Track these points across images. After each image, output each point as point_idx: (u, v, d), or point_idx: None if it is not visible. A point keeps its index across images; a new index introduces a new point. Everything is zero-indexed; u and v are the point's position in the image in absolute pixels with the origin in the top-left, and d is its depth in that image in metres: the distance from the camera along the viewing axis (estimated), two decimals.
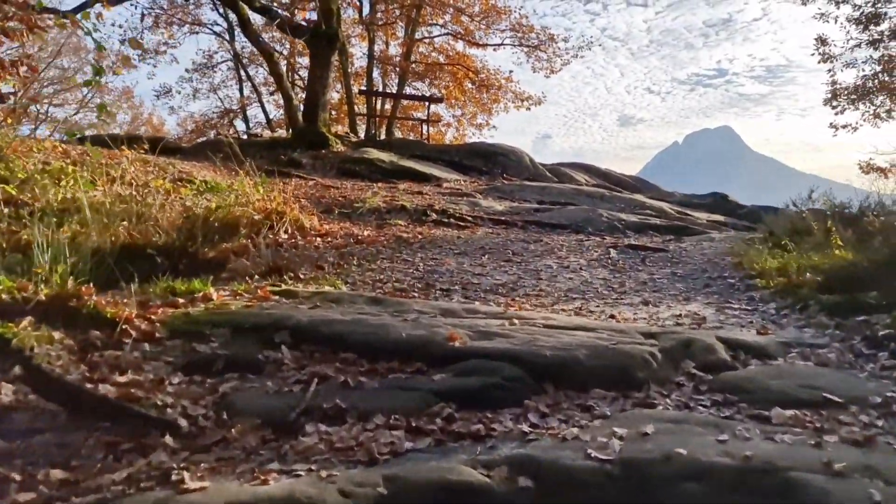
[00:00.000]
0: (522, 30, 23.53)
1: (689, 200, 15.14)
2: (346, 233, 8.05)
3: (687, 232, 10.13)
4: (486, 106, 26.19)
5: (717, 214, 14.01)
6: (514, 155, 17.85)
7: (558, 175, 17.88)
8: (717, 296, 5.24)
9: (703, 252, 7.50)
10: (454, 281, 5.37)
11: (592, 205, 12.60)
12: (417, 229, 8.69)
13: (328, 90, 17.55)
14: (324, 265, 5.66)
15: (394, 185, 13.31)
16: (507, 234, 8.77)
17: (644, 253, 7.50)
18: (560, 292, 5.25)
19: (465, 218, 9.88)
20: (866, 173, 20.11)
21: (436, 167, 16.19)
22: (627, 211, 12.23)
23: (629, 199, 13.30)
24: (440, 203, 10.98)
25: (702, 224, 11.70)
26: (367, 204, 10.06)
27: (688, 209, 14.21)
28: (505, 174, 16.79)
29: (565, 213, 10.50)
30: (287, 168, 14.63)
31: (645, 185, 19.27)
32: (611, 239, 8.92)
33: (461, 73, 24.86)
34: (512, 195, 13.07)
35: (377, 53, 25.81)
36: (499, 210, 10.72)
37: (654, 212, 12.42)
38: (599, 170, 19.68)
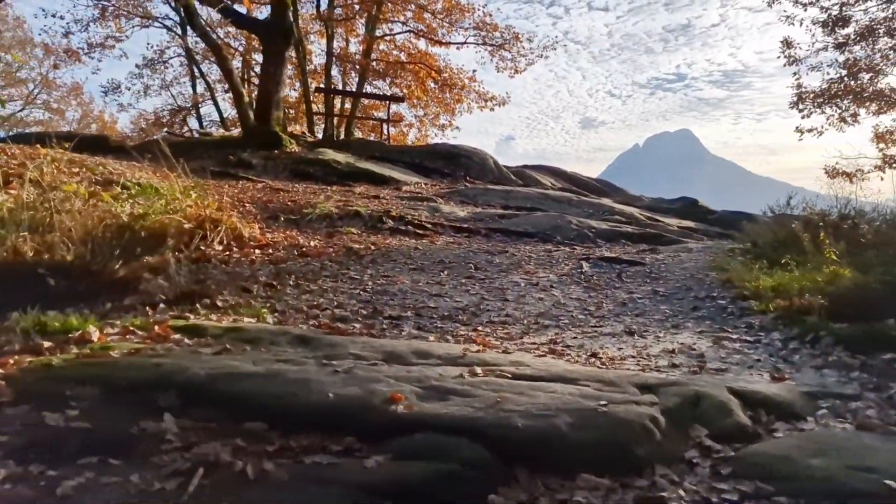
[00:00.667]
0: (486, 28, 22.87)
1: (657, 205, 14.61)
2: (291, 243, 7.20)
3: (661, 240, 9.52)
4: (450, 106, 25.47)
5: (687, 220, 13.50)
6: (477, 157, 17.14)
7: (523, 178, 17.24)
8: (709, 321, 4.55)
9: (682, 265, 6.86)
10: (407, 305, 4.59)
11: (560, 210, 11.94)
12: (371, 239, 7.87)
13: (282, 87, 16.59)
14: (253, 286, 4.81)
15: (349, 189, 12.46)
16: (470, 244, 8.02)
17: (619, 266, 6.82)
18: (530, 317, 4.51)
19: (425, 225, 9.10)
20: (832, 178, 19.97)
21: (395, 169, 15.37)
22: (597, 217, 11.60)
23: (598, 203, 12.68)
24: (398, 208, 10.17)
25: (674, 232, 11.13)
26: (317, 210, 9.20)
27: (657, 214, 13.67)
28: (468, 177, 16.06)
29: (532, 219, 9.80)
30: (236, 169, 13.66)
31: (612, 189, 18.76)
32: (581, 249, 8.24)
33: (423, 72, 24.07)
34: (475, 200, 12.33)
35: (336, 51, 24.87)
36: (461, 216, 9.97)
37: (624, 218, 11.82)
38: (565, 172, 19.11)
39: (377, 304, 4.52)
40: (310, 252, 6.78)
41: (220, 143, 16.70)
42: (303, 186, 12.21)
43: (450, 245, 7.78)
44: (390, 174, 14.42)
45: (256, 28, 16.55)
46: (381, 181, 13.99)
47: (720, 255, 7.22)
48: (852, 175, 19.85)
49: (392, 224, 8.91)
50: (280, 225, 8.48)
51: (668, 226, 12.00)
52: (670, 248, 8.36)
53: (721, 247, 8.24)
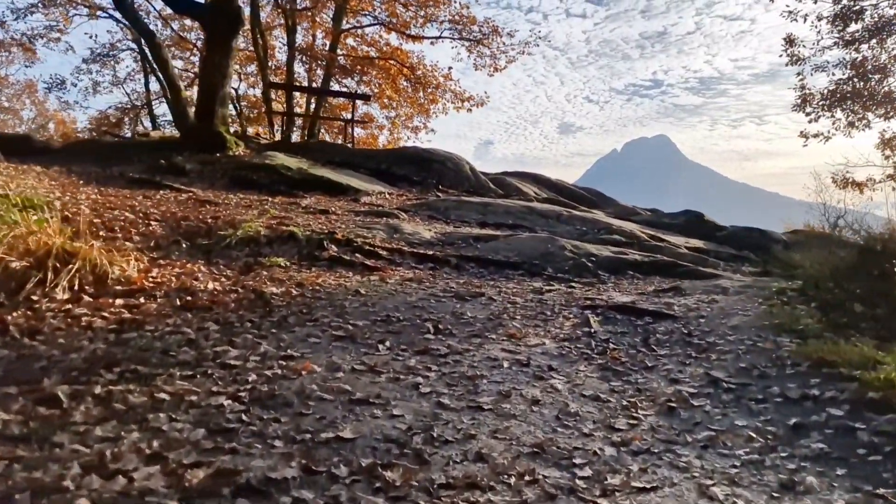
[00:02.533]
0: (463, 21, 20.91)
1: (658, 220, 12.70)
2: (181, 286, 5.10)
3: (677, 272, 7.57)
4: (423, 107, 23.44)
5: (694, 238, 11.61)
6: (451, 162, 15.12)
7: (503, 186, 15.26)
8: (837, 463, 2.57)
9: (728, 319, 4.86)
10: (297, 432, 2.54)
11: (548, 228, 9.96)
12: (300, 276, 5.80)
13: (228, 81, 14.43)
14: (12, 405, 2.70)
15: (296, 200, 10.37)
16: (434, 282, 5.98)
17: (641, 322, 4.82)
18: (521, 463, 2.49)
19: (378, 252, 7.04)
20: (842, 188, 18.27)
21: (356, 176, 13.30)
22: (592, 237, 9.63)
23: (591, 219, 10.72)
24: (348, 228, 8.11)
25: (687, 257, 9.19)
26: (240, 231, 7.10)
27: (660, 231, 11.77)
28: (441, 185, 14.05)
29: (516, 243, 7.79)
30: (164, 176, 11.50)
31: (601, 199, 16.86)
32: (581, 288, 6.25)
33: (394, 68, 22.01)
34: (447, 214, 10.30)
35: (300, 44, 22.74)
36: (427, 238, 7.92)
37: (624, 238, 9.88)
38: (550, 180, 17.17)
39: (239, 441, 2.46)
40: (200, 301, 4.68)
41: (157, 145, 14.50)
42: (239, 197, 10.09)
43: (406, 285, 5.73)
44: (349, 182, 12.34)
45: (198, 12, 14.36)
46: (338, 190, 11.92)
47: (773, 303, 5.27)
48: (863, 185, 18.19)
49: (335, 251, 6.83)
50: (183, 254, 6.37)
51: (677, 247, 10.07)
52: (696, 286, 6.38)
53: (762, 285, 6.29)
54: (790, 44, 19.32)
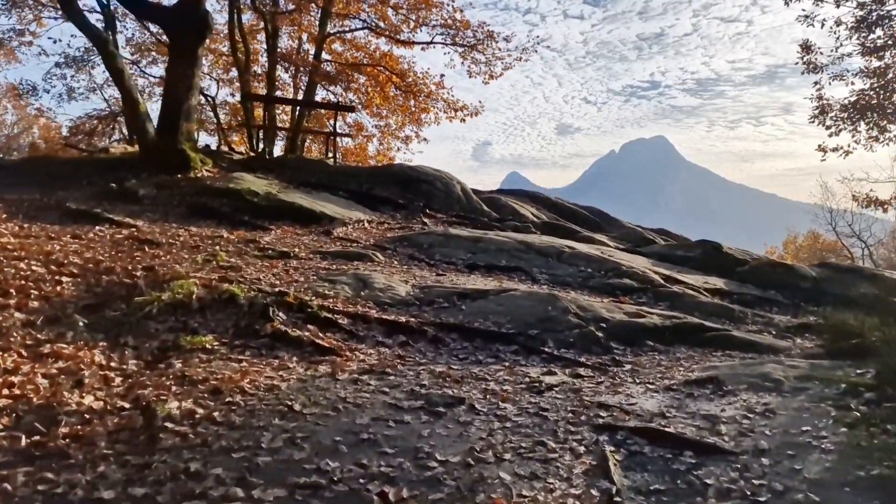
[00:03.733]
0: (456, 26, 19.51)
1: (671, 252, 11.32)
2: (45, 402, 3.72)
3: (706, 339, 6.20)
4: (415, 115, 22.03)
5: (712, 276, 10.25)
6: (441, 182, 13.73)
7: (498, 208, 13.90)
8: None
9: (801, 461, 3.47)
10: None
11: (548, 271, 8.59)
12: (225, 371, 4.42)
13: (194, 93, 13.04)
14: None
15: (256, 237, 8.98)
16: (401, 376, 4.60)
17: (681, 466, 3.44)
18: None
19: (338, 321, 5.65)
20: (864, 206, 16.93)
21: (334, 200, 11.92)
22: (599, 284, 8.26)
23: (598, 258, 9.34)
24: (307, 282, 6.72)
25: (711, 309, 7.84)
26: (166, 295, 5.72)
27: (674, 268, 10.41)
28: (428, 208, 12.68)
29: (509, 302, 6.40)
30: (114, 204, 10.12)
31: (605, 220, 15.48)
32: (592, 378, 4.87)
33: (383, 76, 20.61)
34: (431, 253, 8.92)
35: (283, 49, 21.36)
36: (401, 297, 6.53)
37: (636, 282, 8.51)
38: (549, 200, 15.79)
39: None
40: (55, 441, 3.30)
41: (115, 163, 13.09)
42: (190, 233, 8.70)
43: (363, 383, 4.34)
44: (323, 209, 10.96)
45: (160, 18, 12.98)
46: (310, 219, 10.54)
47: (852, 419, 3.89)
48: (886, 203, 16.85)
49: (281, 322, 5.45)
50: (82, 333, 4.98)
51: (696, 291, 8.71)
52: (738, 374, 4.98)
53: (822, 374, 4.90)
54: (807, 51, 17.98)
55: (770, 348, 6.17)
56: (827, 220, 40.86)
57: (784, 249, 49.89)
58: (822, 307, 9.50)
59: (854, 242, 40.35)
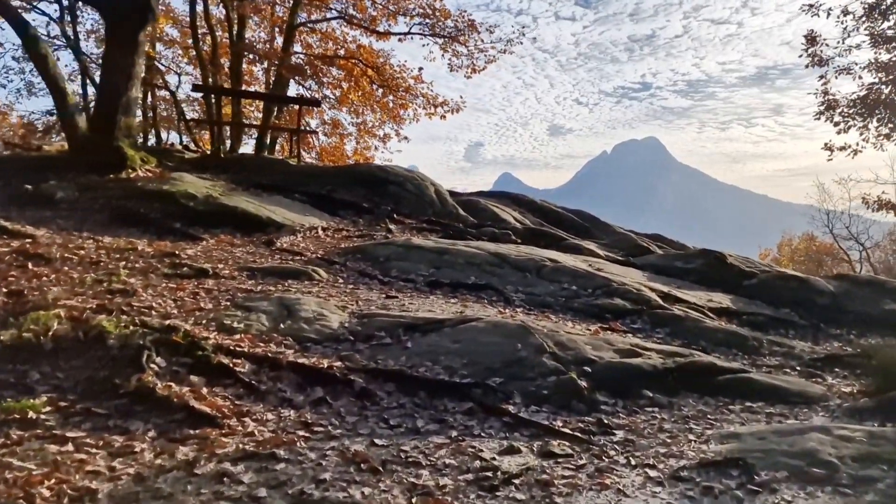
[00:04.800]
0: (435, 15, 18.13)
1: (669, 263, 9.96)
2: None
3: (718, 385, 4.83)
4: (394, 112, 20.65)
5: (716, 292, 8.91)
6: (412, 184, 12.34)
7: (477, 212, 12.52)
8: None
9: None
10: None
11: (524, 289, 7.22)
12: (40, 455, 3.03)
13: (134, 84, 11.60)
14: None
15: (183, 247, 7.57)
16: (300, 457, 3.24)
17: None
18: None
19: (235, 370, 4.23)
20: (876, 210, 15.65)
21: (287, 204, 10.52)
22: (586, 306, 6.90)
23: (585, 272, 7.97)
24: (215, 309, 5.32)
25: (718, 338, 6.49)
26: (6, 335, 4.31)
27: (674, 283, 9.07)
28: (397, 213, 11.29)
29: (469, 338, 5.01)
30: (23, 209, 8.72)
31: (595, 225, 14.12)
32: (571, 458, 3.50)
33: (358, 69, 19.21)
34: (386, 268, 7.52)
35: (250, 40, 19.91)
36: (331, 329, 5.14)
37: (629, 302, 7.15)
38: (534, 203, 14.42)
39: None
40: None
41: (44, 162, 11.61)
42: (100, 244, 7.27)
43: (228, 482, 2.96)
44: (271, 215, 9.55)
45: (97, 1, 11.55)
46: (254, 226, 9.14)
47: None
48: None
49: (156, 371, 4.04)
50: None
51: (701, 313, 7.37)
52: (769, 446, 3.63)
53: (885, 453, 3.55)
54: (811, 42, 16.70)
55: (801, 396, 4.81)
56: (823, 222, 39.79)
57: (779, 252, 48.78)
58: (845, 328, 8.18)
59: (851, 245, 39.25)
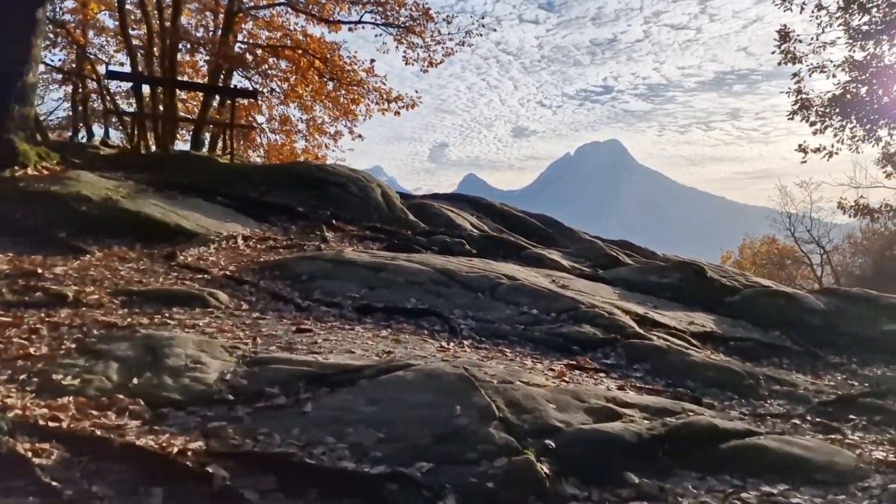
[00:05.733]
0: (388, 2, 16.80)
1: (642, 278, 8.81)
2: None
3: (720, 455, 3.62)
4: (345, 107, 19.24)
5: (697, 311, 7.80)
6: (356, 185, 11.00)
7: (429, 218, 11.25)
8: None
9: None
10: None
11: (476, 313, 5.96)
12: None
13: (31, 69, 10.02)
14: None
15: (55, 262, 6.11)
16: None
17: None
18: None
19: (31, 463, 2.86)
20: (853, 216, 14.84)
21: (206, 208, 9.09)
22: (548, 340, 5.66)
23: (547, 292, 6.74)
24: (50, 355, 3.90)
25: (708, 375, 5.32)
26: None
27: (646, 297, 7.93)
28: (337, 218, 9.95)
29: (392, 395, 3.71)
30: None
31: (559, 231, 12.98)
32: None
33: (305, 60, 17.77)
34: (307, 289, 6.18)
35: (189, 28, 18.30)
36: (207, 384, 3.76)
37: (600, 330, 5.94)
38: (493, 206, 13.21)
39: None
40: None
41: None
42: None
43: None
44: (182, 220, 8.12)
45: None
46: (159, 235, 7.70)
47: None
48: (876, 213, 14.77)
49: None
50: None
51: (684, 341, 6.20)
52: None
53: None
54: (784, 38, 15.85)
55: (829, 471, 3.64)
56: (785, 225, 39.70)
57: (740, 254, 48.75)
58: (843, 355, 7.13)
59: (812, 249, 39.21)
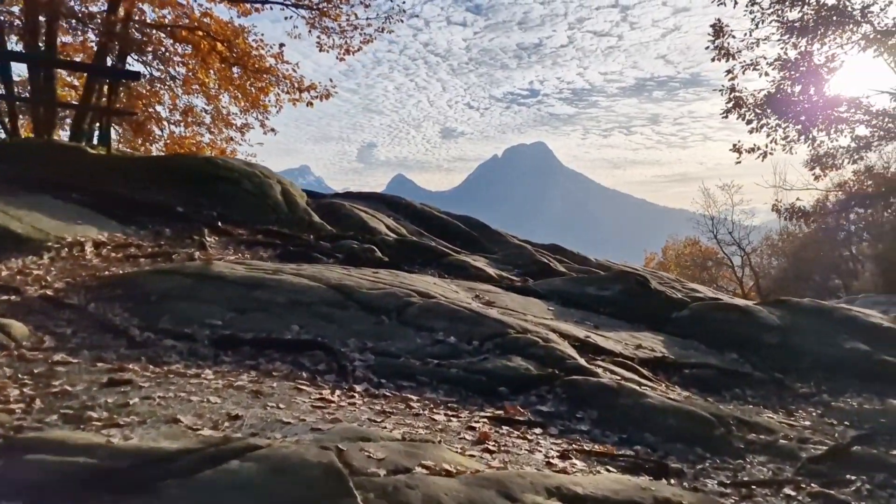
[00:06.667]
0: None
1: (579, 291, 7.66)
2: None
3: None
4: (254, 97, 17.46)
5: (642, 329, 6.72)
6: (251, 182, 9.43)
7: (338, 219, 9.80)
8: None
9: None
10: None
11: (377, 347, 4.60)
12: None
13: None
14: None
15: None
16: None
17: None
18: None
19: None
20: (787, 218, 14.35)
21: (55, 207, 7.36)
22: (467, 381, 4.35)
23: (468, 313, 5.44)
24: None
25: (668, 417, 4.14)
26: None
27: (585, 313, 6.79)
28: (224, 220, 8.38)
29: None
30: None
31: (485, 234, 11.77)
32: None
33: (205, 43, 15.93)
34: (154, 314, 4.67)
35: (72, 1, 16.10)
36: None
37: (533, 363, 4.68)
38: (413, 206, 11.88)
39: None
40: None
41: None
42: None
43: None
44: (13, 223, 6.41)
45: None
46: None
47: None
48: (810, 215, 14.32)
49: None
50: None
51: (635, 373, 5.04)
52: None
53: None
54: (718, 33, 15.24)
55: None
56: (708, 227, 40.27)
57: (664, 256, 49.30)
58: (811, 382, 6.18)
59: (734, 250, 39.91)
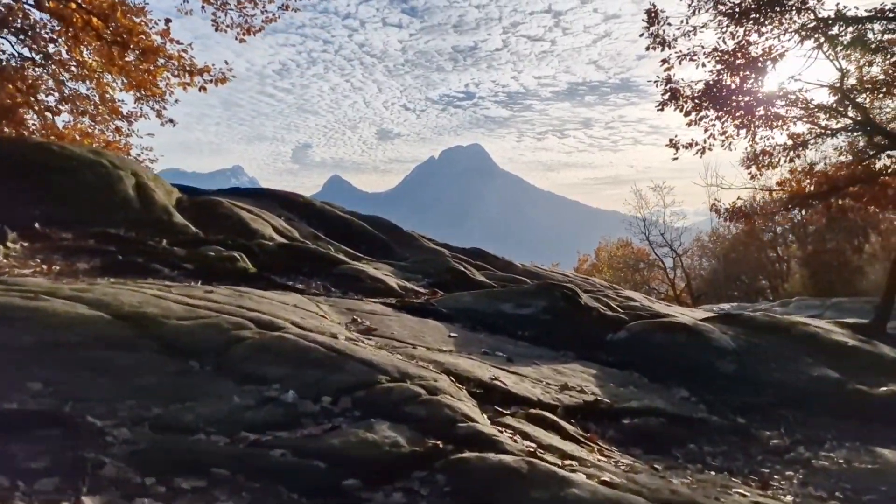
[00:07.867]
0: None
1: (493, 309, 6.16)
2: None
3: None
4: (144, 81, 15.34)
5: (569, 358, 5.29)
6: (94, 173, 7.54)
7: (212, 220, 8.05)
8: None
9: None
10: None
11: (160, 416, 2.92)
12: None
13: None
14: None
15: None
16: None
17: None
18: None
19: None
20: (728, 220, 13.36)
21: None
22: (298, 470, 2.75)
23: (328, 349, 3.86)
24: None
25: None
26: None
27: (501, 339, 5.30)
28: (51, 220, 6.51)
29: None
30: None
31: (398, 239, 10.22)
32: None
33: (79, 17, 13.76)
34: None
35: None
36: None
37: (414, 430, 3.13)
38: (313, 207, 10.19)
39: None
40: None
41: None
42: None
43: None
44: None
45: None
46: None
47: None
48: (753, 216, 13.40)
49: None
50: None
51: (559, 430, 3.57)
52: None
53: None
54: (653, 20, 14.12)
55: None
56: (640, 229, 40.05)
57: (597, 258, 49.05)
58: (781, 427, 4.87)
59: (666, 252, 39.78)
